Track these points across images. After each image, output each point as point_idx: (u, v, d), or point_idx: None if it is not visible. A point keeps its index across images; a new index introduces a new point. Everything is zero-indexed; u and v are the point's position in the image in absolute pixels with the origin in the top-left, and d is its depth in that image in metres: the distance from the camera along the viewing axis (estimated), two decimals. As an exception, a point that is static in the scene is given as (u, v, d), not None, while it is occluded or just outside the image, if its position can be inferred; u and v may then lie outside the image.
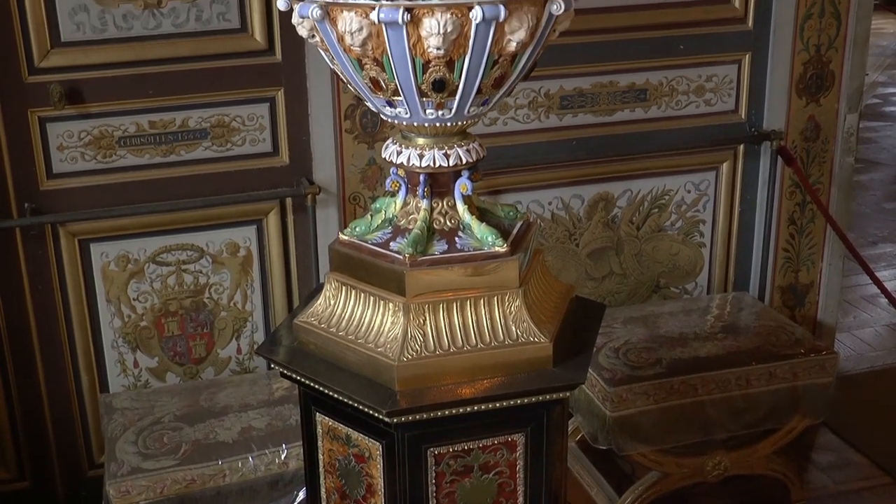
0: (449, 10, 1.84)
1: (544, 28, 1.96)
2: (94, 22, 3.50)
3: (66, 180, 3.63)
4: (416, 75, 1.94)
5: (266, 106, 3.71)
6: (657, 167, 4.19)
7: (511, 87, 2.08)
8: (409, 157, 2.13)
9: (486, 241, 2.13)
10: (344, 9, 1.89)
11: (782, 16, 4.10)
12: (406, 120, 2.07)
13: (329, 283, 2.22)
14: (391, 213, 2.22)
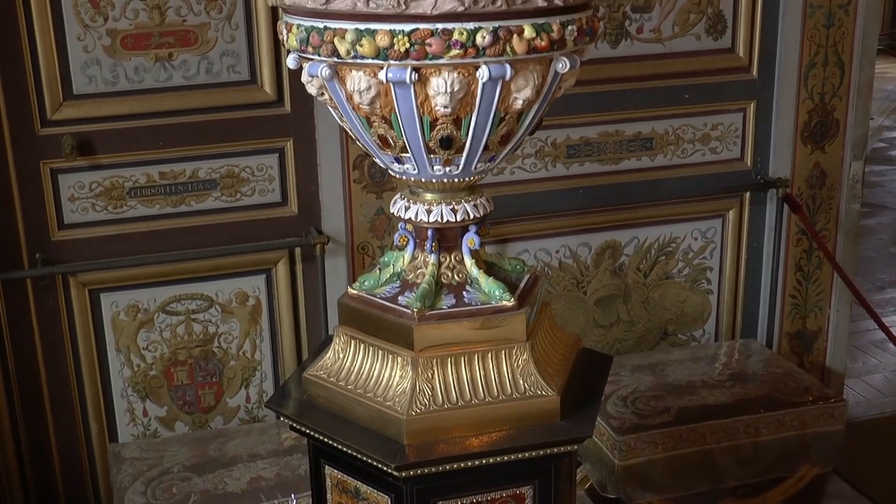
0: (456, 70, 1.87)
1: (550, 86, 1.99)
2: (106, 75, 3.55)
3: (77, 231, 3.67)
4: (424, 133, 1.96)
5: (275, 157, 3.75)
6: (664, 215, 4.21)
7: (517, 143, 2.10)
8: (417, 212, 2.15)
9: (493, 295, 2.15)
10: (353, 68, 1.92)
11: (786, 65, 4.14)
12: (414, 176, 2.10)
13: (338, 337, 2.23)
14: (399, 267, 2.24)
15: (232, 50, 3.63)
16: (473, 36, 1.83)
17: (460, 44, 1.83)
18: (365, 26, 1.85)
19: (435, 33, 1.82)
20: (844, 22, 4.13)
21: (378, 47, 1.84)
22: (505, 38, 1.84)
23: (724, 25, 4.06)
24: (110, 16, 3.50)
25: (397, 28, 1.83)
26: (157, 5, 3.53)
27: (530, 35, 1.86)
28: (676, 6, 3.99)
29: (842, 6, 4.11)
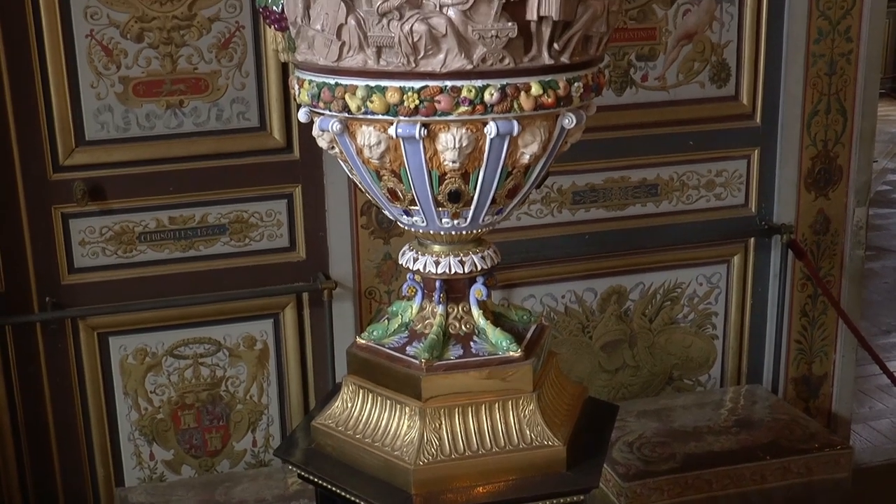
0: (464, 126, 1.91)
1: (556, 141, 2.02)
2: (118, 121, 3.61)
3: (87, 275, 3.70)
4: (433, 187, 1.99)
5: (284, 202, 3.79)
6: (669, 260, 4.24)
7: (524, 196, 2.14)
8: (426, 263, 2.18)
9: (500, 346, 2.17)
10: (363, 123, 1.95)
11: (790, 112, 4.18)
12: (422, 228, 2.13)
13: (346, 386, 2.26)
14: (408, 317, 2.26)
15: (242, 97, 3.68)
16: (481, 93, 1.86)
17: (468, 101, 1.86)
18: (375, 83, 1.88)
19: (444, 90, 1.86)
20: (846, 70, 4.18)
21: (388, 104, 1.88)
22: (512, 95, 1.88)
23: (727, 73, 4.11)
24: (123, 64, 3.56)
25: (407, 85, 1.87)
26: (168, 53, 3.58)
27: (537, 92, 1.89)
28: (681, 55, 4.04)
29: (843, 55, 4.16)
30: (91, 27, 3.50)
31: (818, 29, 4.11)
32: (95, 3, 3.48)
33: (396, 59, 1.85)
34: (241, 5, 3.61)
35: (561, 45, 1.90)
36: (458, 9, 1.81)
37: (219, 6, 3.59)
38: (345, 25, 1.86)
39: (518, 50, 1.87)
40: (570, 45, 1.91)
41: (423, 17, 1.81)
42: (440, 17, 1.81)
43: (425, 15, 1.81)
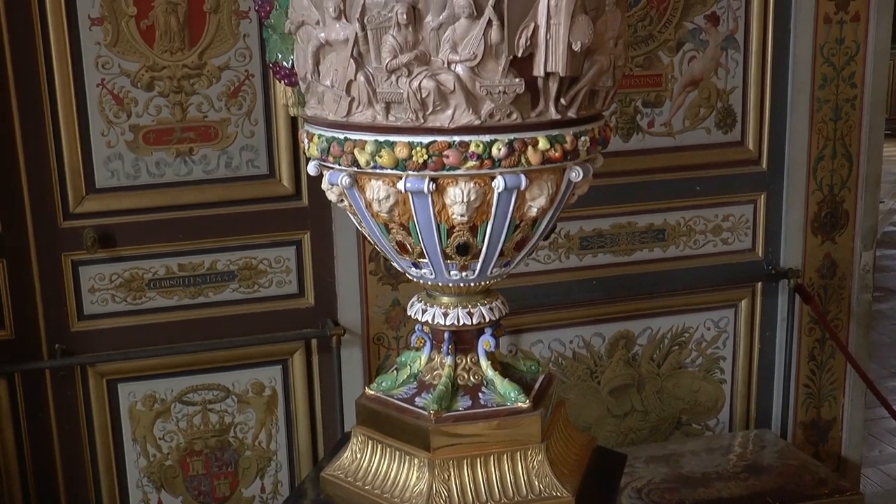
0: (472, 180, 1.93)
1: (563, 194, 2.04)
2: (129, 169, 3.63)
3: (97, 322, 3.72)
4: (441, 240, 2.01)
5: (293, 249, 3.81)
6: (676, 305, 4.24)
7: (532, 248, 2.15)
8: (434, 315, 2.19)
9: (508, 396, 2.18)
10: (372, 177, 1.98)
11: (795, 157, 4.20)
12: (431, 280, 2.15)
13: (356, 437, 2.26)
14: (416, 368, 2.27)
15: (251, 145, 3.71)
16: (489, 148, 1.89)
17: (476, 155, 1.89)
18: (384, 138, 1.91)
19: (452, 145, 1.89)
20: (851, 116, 4.21)
21: (397, 158, 1.90)
22: (520, 150, 1.90)
23: (733, 119, 4.13)
24: (133, 112, 3.60)
25: (415, 140, 1.89)
26: (178, 102, 3.62)
27: (544, 147, 1.92)
28: (686, 101, 4.07)
29: (848, 100, 4.19)
30: (102, 76, 3.54)
31: (822, 75, 4.14)
32: (107, 53, 3.52)
33: (405, 114, 1.88)
34: (251, 54, 3.65)
35: (568, 99, 1.93)
36: (465, 65, 1.84)
37: (228, 55, 3.63)
38: (354, 82, 1.89)
39: (525, 105, 1.89)
40: (577, 99, 1.94)
41: (432, 74, 1.84)
42: (448, 74, 1.84)
43: (433, 71, 1.84)
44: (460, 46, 1.83)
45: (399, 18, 1.81)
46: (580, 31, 1.86)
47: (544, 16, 1.83)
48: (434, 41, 1.83)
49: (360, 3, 1.84)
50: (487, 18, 1.81)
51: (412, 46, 1.83)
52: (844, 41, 4.14)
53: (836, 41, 4.14)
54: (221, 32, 3.60)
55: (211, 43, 3.60)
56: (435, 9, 1.82)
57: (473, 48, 1.82)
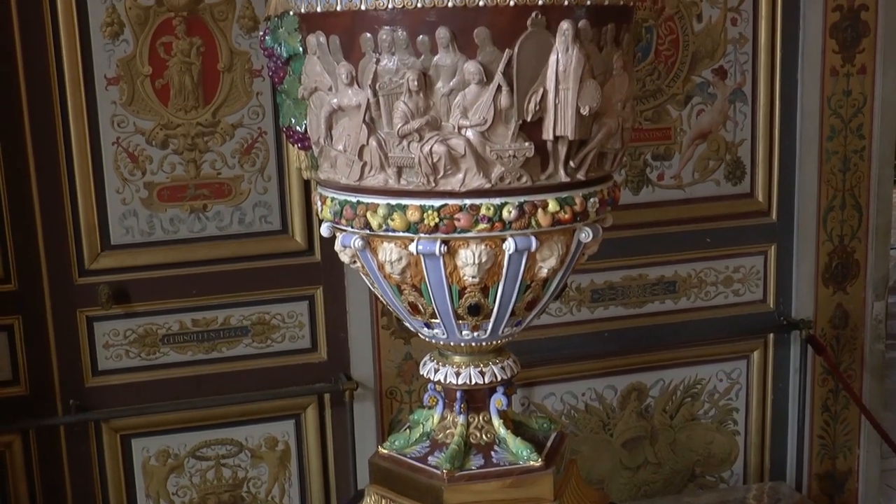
0: (483, 242, 1.95)
1: (573, 254, 2.06)
2: (143, 226, 3.67)
3: (111, 377, 3.74)
4: (453, 300, 2.04)
5: (305, 304, 3.83)
6: (688, 357, 4.24)
7: (543, 308, 2.17)
8: (447, 374, 2.21)
9: (521, 455, 2.19)
10: (384, 240, 2.00)
11: (805, 208, 4.22)
12: (443, 340, 2.17)
13: (369, 496, 2.27)
14: (429, 426, 2.29)
15: (264, 201, 3.75)
16: (500, 211, 1.92)
17: (487, 218, 1.91)
18: (396, 202, 1.94)
19: (463, 208, 1.91)
20: (860, 166, 4.23)
21: (409, 221, 1.93)
22: (530, 212, 1.93)
23: (742, 171, 4.16)
24: (148, 169, 3.64)
25: (427, 203, 1.92)
26: (192, 159, 3.67)
27: (554, 209, 1.95)
28: (696, 153, 4.10)
29: (856, 151, 4.22)
30: (118, 135, 3.59)
31: (831, 126, 4.18)
32: (122, 111, 3.57)
33: (417, 178, 1.91)
34: (264, 112, 3.70)
35: (577, 162, 1.96)
36: (476, 130, 1.87)
37: (242, 113, 3.68)
38: (366, 146, 1.93)
39: (535, 168, 1.92)
40: (586, 162, 1.97)
41: (443, 139, 1.87)
42: (459, 139, 1.87)
43: (444, 136, 1.88)
44: (470, 112, 1.86)
45: (410, 85, 1.85)
46: (588, 96, 1.89)
47: (553, 81, 1.86)
48: (445, 107, 1.87)
49: (371, 70, 1.88)
50: (497, 84, 1.84)
51: (423, 112, 1.87)
52: (852, 93, 4.18)
53: (844, 93, 4.18)
54: (235, 91, 3.66)
55: (225, 101, 3.65)
56: (445, 75, 1.85)
57: (483, 113, 1.86)
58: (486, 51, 1.84)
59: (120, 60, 3.53)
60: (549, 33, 1.85)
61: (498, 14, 1.83)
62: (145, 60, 3.56)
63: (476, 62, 1.84)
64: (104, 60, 3.52)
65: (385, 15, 1.85)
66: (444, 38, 1.83)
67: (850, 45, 4.15)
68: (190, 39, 3.58)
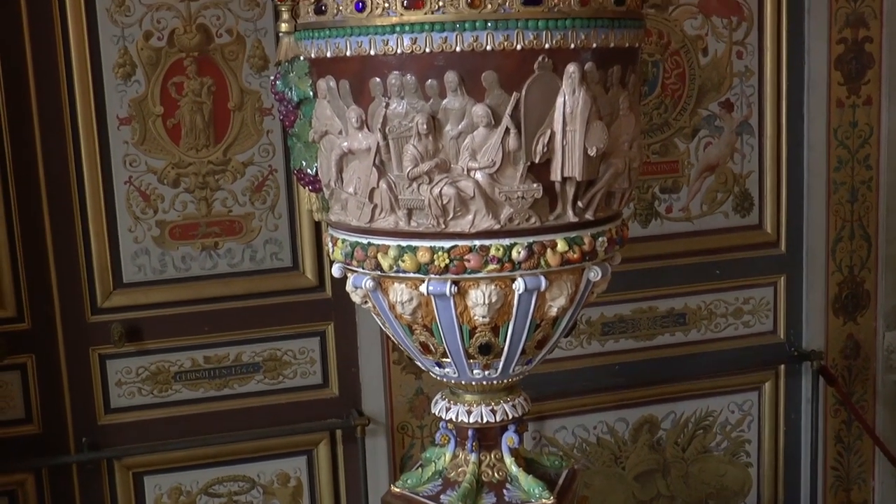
0: (493, 283, 1.97)
1: (583, 293, 2.08)
2: (155, 264, 3.70)
3: (123, 415, 3.75)
4: (464, 340, 2.05)
5: (317, 340, 3.85)
6: (700, 388, 4.24)
7: (553, 346, 2.18)
8: (458, 413, 2.22)
9: (532, 493, 2.19)
10: (395, 281, 2.02)
11: (814, 239, 4.23)
12: (454, 379, 2.18)
13: (381, 535, 2.28)
14: (441, 465, 2.29)
15: (275, 238, 3.78)
16: (509, 251, 1.94)
17: (497, 259, 1.93)
18: (407, 243, 1.96)
19: (473, 249, 1.93)
20: (867, 197, 4.24)
21: (419, 263, 1.95)
22: (539, 253, 1.95)
23: (750, 203, 4.18)
24: (160, 208, 3.67)
25: (437, 245, 1.94)
26: (204, 197, 3.70)
27: (563, 249, 1.96)
28: (704, 186, 4.12)
29: (864, 182, 4.23)
30: (130, 174, 3.63)
31: (838, 158, 4.19)
32: (134, 151, 3.61)
33: (427, 220, 1.93)
34: (274, 149, 3.73)
35: (585, 202, 1.97)
36: (485, 172, 1.89)
37: (252, 151, 3.72)
38: (377, 189, 1.95)
39: (544, 209, 1.94)
40: (594, 202, 1.99)
41: (452, 181, 1.90)
42: (468, 181, 1.90)
43: (454, 179, 1.90)
44: (479, 154, 1.88)
45: (419, 128, 1.88)
46: (595, 137, 1.91)
47: (560, 123, 1.89)
48: (454, 149, 1.89)
49: (381, 114, 1.90)
50: (505, 127, 1.87)
51: (432, 155, 1.89)
52: (858, 124, 4.20)
53: (850, 124, 4.20)
54: (245, 129, 3.69)
55: (235, 139, 3.69)
56: (454, 119, 1.88)
57: (492, 155, 1.88)
58: (494, 94, 1.86)
59: (132, 101, 3.57)
60: (555, 76, 1.88)
61: (505, 58, 1.85)
62: (157, 100, 3.60)
63: (484, 105, 1.86)
64: (116, 101, 3.57)
65: (394, 60, 1.87)
66: (452, 81, 1.86)
67: (855, 77, 4.18)
68: (201, 79, 3.62)
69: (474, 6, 1.83)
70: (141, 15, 3.54)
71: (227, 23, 3.62)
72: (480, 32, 1.84)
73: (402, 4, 1.84)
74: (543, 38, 1.86)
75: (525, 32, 1.85)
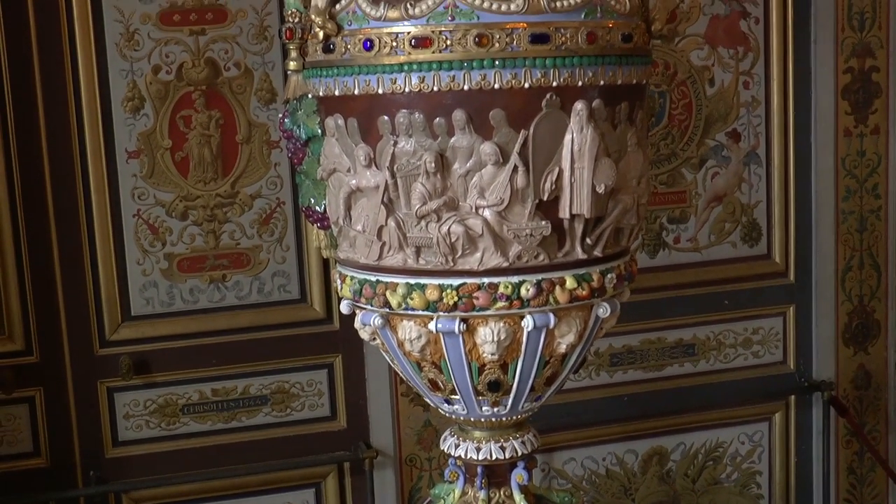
0: (502, 320, 1.97)
1: (592, 329, 2.07)
2: (163, 296, 3.70)
3: (131, 448, 3.75)
4: (473, 377, 2.04)
5: (324, 372, 3.85)
6: (709, 419, 4.22)
7: (562, 382, 2.17)
8: (467, 449, 2.21)
9: (543, 530, 2.18)
10: (404, 318, 2.02)
11: (823, 269, 4.22)
12: (463, 416, 2.17)
13: (390, 573, 2.26)
14: (450, 501, 2.28)
15: (283, 270, 3.78)
16: (518, 289, 1.93)
17: (506, 296, 1.93)
18: (415, 281, 1.96)
19: (481, 287, 1.93)
20: (876, 226, 4.24)
21: (428, 300, 1.95)
22: (548, 290, 1.95)
23: (758, 233, 4.17)
24: (168, 241, 3.68)
25: (446, 283, 1.94)
26: (212, 230, 3.70)
27: (572, 286, 1.96)
28: (711, 216, 4.12)
29: (873, 211, 4.23)
30: (138, 207, 3.64)
31: (846, 187, 4.19)
32: (143, 184, 3.62)
33: (435, 258, 1.93)
34: (282, 182, 3.74)
35: (593, 239, 1.97)
36: (493, 210, 1.89)
37: (260, 183, 3.72)
38: (385, 227, 1.95)
39: (552, 246, 1.94)
40: (602, 238, 1.98)
41: (460, 219, 1.90)
42: (476, 219, 1.89)
43: (462, 216, 1.90)
44: (487, 192, 1.88)
45: (427, 166, 1.88)
46: (604, 174, 1.91)
47: (568, 160, 1.89)
48: (462, 187, 1.89)
49: (389, 152, 1.90)
50: (513, 165, 1.87)
51: (441, 193, 1.89)
52: (866, 154, 4.20)
53: (858, 153, 4.20)
54: (253, 162, 3.70)
55: (243, 172, 3.70)
56: (462, 157, 1.88)
57: (500, 193, 1.88)
58: (502, 132, 1.87)
59: (140, 134, 3.59)
60: (563, 113, 1.88)
61: (513, 96, 1.85)
62: (165, 134, 3.61)
63: (492, 143, 1.86)
64: (125, 134, 3.59)
65: (402, 98, 1.88)
66: (460, 120, 1.86)
67: (862, 106, 4.18)
68: (209, 112, 3.64)
69: (482, 45, 1.83)
70: (150, 49, 3.56)
71: (235, 56, 3.63)
72: (488, 71, 1.84)
73: (410, 43, 1.85)
74: (551, 75, 1.86)
75: (533, 70, 1.85)
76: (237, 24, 3.62)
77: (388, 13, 1.87)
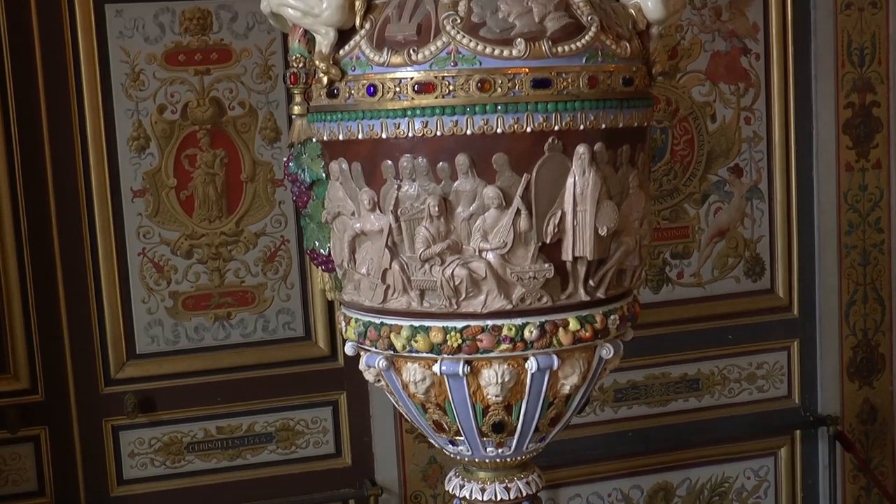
0: (506, 362, 1.98)
1: (595, 370, 2.08)
2: (168, 335, 3.71)
3: (136, 486, 3.75)
4: (477, 419, 2.05)
5: (329, 409, 3.85)
6: (715, 455, 4.21)
7: (566, 423, 2.18)
8: (472, 490, 2.21)
9: (548, 572, 2.18)
10: (408, 360, 2.03)
11: (827, 303, 4.22)
12: (468, 456, 2.18)
13: None
14: (456, 543, 2.28)
15: (287, 308, 3.79)
16: (521, 331, 1.94)
17: (509, 339, 1.94)
18: (419, 323, 1.97)
19: (485, 329, 1.94)
20: (880, 260, 4.24)
21: (432, 343, 1.96)
22: (551, 332, 1.96)
23: (762, 268, 4.18)
24: (173, 279, 3.70)
25: (450, 325, 1.95)
26: (217, 268, 3.72)
27: (575, 327, 1.97)
28: (714, 251, 4.13)
29: (876, 245, 4.24)
30: (143, 245, 3.66)
31: (848, 221, 4.20)
32: (148, 223, 3.64)
33: (439, 301, 1.94)
34: (286, 220, 3.76)
35: (596, 281, 1.98)
36: (496, 253, 1.91)
37: (265, 221, 3.74)
38: (389, 270, 1.96)
39: (555, 288, 1.95)
40: (605, 280, 2.00)
41: (464, 262, 1.91)
42: (480, 262, 1.91)
43: (465, 260, 1.91)
44: (490, 235, 1.90)
45: (431, 210, 1.89)
46: (606, 216, 1.93)
47: (570, 203, 1.90)
48: (465, 231, 1.91)
49: (393, 196, 1.92)
50: (516, 208, 1.88)
51: (444, 236, 1.91)
52: (868, 188, 4.21)
53: (860, 188, 4.21)
54: (258, 200, 3.72)
55: (248, 211, 3.72)
56: (465, 201, 1.89)
57: (503, 236, 1.89)
58: (505, 176, 1.88)
59: (146, 173, 3.62)
60: (565, 157, 1.90)
61: (516, 140, 1.87)
62: (170, 172, 3.64)
63: (495, 187, 1.88)
64: (130, 173, 3.61)
65: (405, 143, 1.90)
66: (463, 164, 1.88)
67: (863, 141, 4.20)
68: (214, 151, 3.66)
69: (484, 90, 1.85)
70: (155, 89, 3.59)
71: (240, 95, 3.67)
72: (491, 115, 1.86)
73: (414, 89, 1.87)
74: (553, 120, 1.88)
75: (535, 115, 1.87)
76: (241, 63, 3.65)
77: (392, 59, 1.89)
